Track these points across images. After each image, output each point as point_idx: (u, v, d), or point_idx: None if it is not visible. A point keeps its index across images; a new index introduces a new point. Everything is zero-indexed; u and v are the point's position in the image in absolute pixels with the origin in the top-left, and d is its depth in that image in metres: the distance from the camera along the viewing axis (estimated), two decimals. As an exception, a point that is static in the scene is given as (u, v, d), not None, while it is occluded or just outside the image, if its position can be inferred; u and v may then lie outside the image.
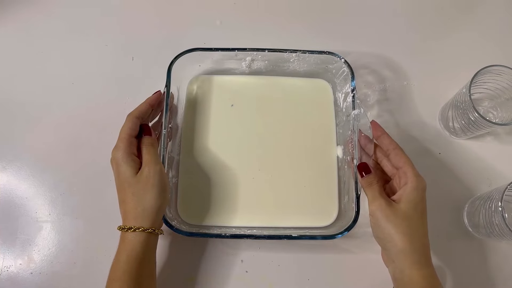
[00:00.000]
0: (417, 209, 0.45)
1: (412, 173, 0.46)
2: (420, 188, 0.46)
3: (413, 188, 0.46)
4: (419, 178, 0.46)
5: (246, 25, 0.65)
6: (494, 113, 0.58)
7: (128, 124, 0.47)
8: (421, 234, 0.45)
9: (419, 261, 0.43)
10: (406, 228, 0.44)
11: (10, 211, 0.55)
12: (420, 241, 0.44)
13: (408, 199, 0.45)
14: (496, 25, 0.66)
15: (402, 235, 0.43)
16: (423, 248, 0.44)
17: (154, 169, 0.45)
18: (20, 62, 0.63)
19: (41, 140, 0.58)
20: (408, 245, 0.43)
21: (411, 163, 0.47)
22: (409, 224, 0.44)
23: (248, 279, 0.53)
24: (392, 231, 0.44)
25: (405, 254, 0.43)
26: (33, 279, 0.52)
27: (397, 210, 0.45)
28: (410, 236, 0.44)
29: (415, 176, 0.46)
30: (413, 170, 0.47)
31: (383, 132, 0.51)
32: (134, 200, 0.44)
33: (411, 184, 0.46)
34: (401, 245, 0.43)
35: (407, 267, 0.43)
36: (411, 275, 0.43)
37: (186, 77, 0.58)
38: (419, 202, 0.46)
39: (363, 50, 0.63)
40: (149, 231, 0.44)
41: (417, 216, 0.45)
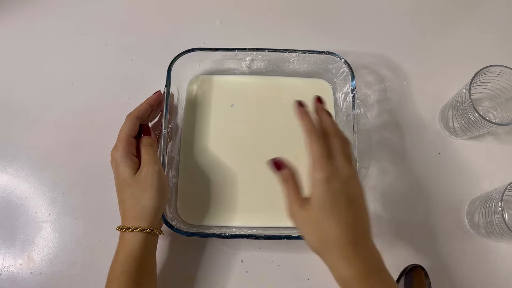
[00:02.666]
0: (323, 206, 0.39)
1: (310, 166, 0.40)
2: (318, 183, 0.39)
3: (312, 185, 0.40)
4: (314, 172, 0.40)
5: (246, 25, 0.65)
6: (494, 113, 0.58)
7: (127, 124, 0.47)
8: (333, 234, 0.39)
9: (336, 265, 0.39)
10: (316, 231, 0.40)
11: (10, 211, 0.55)
12: (334, 241, 0.39)
13: (313, 198, 0.40)
14: (496, 25, 0.66)
15: (316, 239, 0.40)
16: (338, 249, 0.38)
17: (153, 169, 0.45)
18: (20, 62, 0.63)
19: (41, 140, 0.58)
20: (320, 250, 0.40)
21: (313, 153, 0.41)
22: (318, 226, 0.39)
23: (248, 279, 0.53)
24: (307, 237, 0.40)
25: (323, 256, 0.40)
26: (33, 279, 0.52)
27: (308, 211, 0.40)
28: (322, 240, 0.39)
29: (311, 169, 0.40)
30: (312, 161, 0.41)
31: (321, 110, 0.46)
32: (132, 200, 0.44)
33: (311, 179, 0.40)
34: (316, 249, 0.40)
35: (332, 269, 0.39)
36: (336, 276, 0.39)
37: (186, 77, 0.58)
38: (323, 197, 0.39)
39: (363, 50, 0.63)
40: (147, 231, 0.44)
41: (325, 216, 0.39)
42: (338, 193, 0.39)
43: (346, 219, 0.39)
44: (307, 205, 0.40)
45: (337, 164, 0.41)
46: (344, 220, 0.39)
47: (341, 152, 0.42)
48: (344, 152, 0.42)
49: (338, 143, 0.42)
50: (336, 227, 0.39)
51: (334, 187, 0.39)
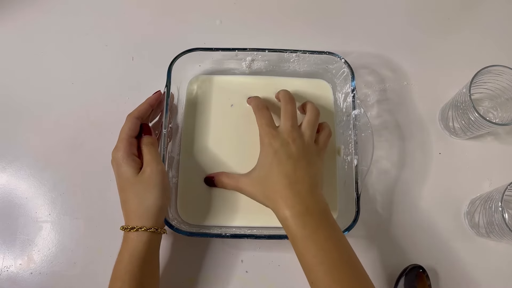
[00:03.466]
0: (264, 164, 0.47)
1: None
2: (262, 147, 0.49)
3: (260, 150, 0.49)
4: (260, 139, 0.49)
5: (246, 25, 0.65)
6: (494, 113, 0.58)
7: (128, 125, 0.47)
8: (273, 182, 0.46)
9: (277, 207, 0.45)
10: (260, 186, 0.47)
11: (10, 211, 0.55)
12: (274, 187, 0.45)
13: (258, 161, 0.49)
14: (496, 25, 0.66)
15: (261, 192, 0.47)
16: (278, 193, 0.45)
17: (157, 168, 0.46)
18: (20, 62, 0.63)
19: (41, 140, 0.58)
20: (266, 200, 0.47)
21: (258, 124, 0.50)
22: (261, 182, 0.47)
23: (248, 279, 0.53)
24: (255, 195, 0.48)
25: (269, 205, 0.46)
26: (33, 279, 0.52)
27: (250, 175, 0.49)
28: (265, 191, 0.47)
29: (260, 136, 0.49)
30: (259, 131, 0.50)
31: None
32: (136, 200, 0.44)
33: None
34: (263, 201, 0.47)
35: (276, 213, 0.46)
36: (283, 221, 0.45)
37: (186, 77, 0.58)
38: (264, 157, 0.48)
39: (363, 50, 0.63)
40: (152, 231, 0.44)
41: (266, 171, 0.47)
42: (277, 151, 0.47)
43: (284, 169, 0.45)
44: (251, 171, 0.49)
45: (280, 128, 0.49)
46: (283, 171, 0.45)
47: (285, 115, 0.50)
48: (287, 115, 0.50)
49: (285, 106, 0.51)
50: (274, 177, 0.45)
51: (275, 147, 0.47)
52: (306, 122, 0.50)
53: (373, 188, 0.56)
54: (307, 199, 0.44)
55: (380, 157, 0.58)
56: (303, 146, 0.48)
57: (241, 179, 0.50)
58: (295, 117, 0.50)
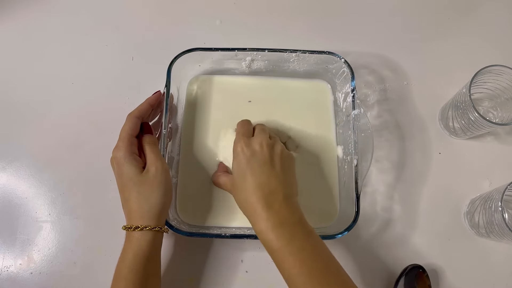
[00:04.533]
0: (239, 172, 0.47)
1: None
2: (235, 154, 0.48)
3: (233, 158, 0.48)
4: (233, 146, 0.49)
5: (246, 25, 0.65)
6: (494, 113, 0.58)
7: (128, 124, 0.47)
8: (249, 194, 0.45)
9: (253, 220, 0.44)
10: (239, 194, 0.46)
11: (10, 211, 0.55)
12: (249, 200, 0.44)
13: (232, 167, 0.49)
14: (496, 25, 0.66)
15: (240, 201, 0.46)
16: (253, 206, 0.44)
17: (162, 168, 0.46)
18: (20, 62, 0.63)
19: (41, 140, 0.58)
20: (244, 210, 0.46)
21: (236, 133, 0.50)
22: (239, 190, 0.46)
23: (248, 279, 0.53)
24: (237, 202, 0.47)
25: (246, 215, 0.46)
26: (33, 279, 0.52)
27: (231, 179, 0.49)
28: (243, 201, 0.46)
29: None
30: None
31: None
32: (139, 199, 0.44)
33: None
34: (243, 211, 0.47)
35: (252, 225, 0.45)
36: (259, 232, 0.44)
37: (186, 77, 0.58)
38: (238, 164, 0.47)
39: (363, 50, 0.63)
40: (156, 230, 0.44)
41: (241, 179, 0.46)
42: (250, 159, 0.46)
43: (257, 179, 0.45)
44: (232, 177, 0.48)
45: (254, 138, 0.48)
46: (256, 181, 0.45)
47: (258, 128, 0.50)
48: (259, 128, 0.50)
49: (258, 124, 0.52)
50: (249, 187, 0.45)
51: (247, 154, 0.46)
52: (276, 134, 0.53)
53: (373, 188, 0.56)
54: (281, 211, 0.43)
55: (380, 157, 0.58)
56: (277, 152, 0.48)
57: (223, 177, 0.51)
58: (267, 131, 0.51)
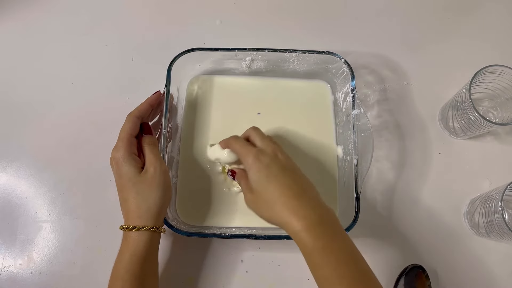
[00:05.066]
0: (261, 181, 0.44)
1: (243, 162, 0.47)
2: (250, 166, 0.45)
3: (248, 171, 0.46)
4: (244, 160, 0.46)
5: (246, 25, 0.65)
6: (494, 113, 0.58)
7: (128, 124, 0.47)
8: (277, 197, 0.43)
9: (287, 222, 0.42)
10: (265, 204, 0.44)
11: (10, 211, 0.55)
12: (279, 203, 0.42)
13: (251, 180, 0.46)
14: (496, 25, 0.66)
15: (268, 211, 0.44)
16: (285, 208, 0.42)
17: (161, 168, 0.46)
18: (20, 62, 0.63)
19: (41, 140, 0.58)
20: (274, 219, 0.43)
21: (236, 149, 0.48)
22: (264, 199, 0.44)
23: (248, 279, 0.53)
24: (263, 214, 0.45)
25: (278, 222, 0.43)
26: (33, 279, 0.52)
27: (253, 192, 0.46)
28: (271, 209, 0.43)
29: (243, 162, 0.47)
30: (240, 155, 0.48)
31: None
32: (138, 199, 0.44)
33: (247, 169, 0.46)
34: (272, 220, 0.44)
35: (287, 229, 0.43)
36: (299, 240, 0.42)
37: (186, 77, 0.58)
38: (258, 174, 0.45)
39: (363, 50, 0.63)
40: (153, 230, 0.44)
41: (265, 187, 0.44)
42: (269, 165, 0.45)
43: (282, 182, 0.44)
44: (253, 189, 0.45)
45: (260, 145, 0.47)
46: (282, 183, 0.44)
47: (259, 137, 0.48)
48: (260, 136, 0.48)
49: (253, 132, 0.49)
50: (276, 190, 0.43)
51: (264, 162, 0.45)
52: (265, 137, 0.49)
53: (373, 188, 0.56)
54: (318, 208, 0.42)
55: (380, 157, 0.58)
56: (289, 158, 0.47)
57: (247, 194, 0.47)
58: (267, 137, 0.49)
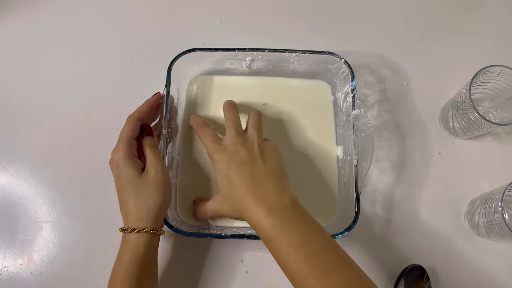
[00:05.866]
0: (222, 180, 0.46)
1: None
2: (213, 163, 0.48)
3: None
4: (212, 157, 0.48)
5: (246, 25, 0.65)
6: (494, 113, 0.58)
7: (128, 126, 0.47)
8: (237, 193, 0.45)
9: (249, 215, 0.44)
10: (228, 203, 0.46)
11: (10, 211, 0.55)
12: (239, 198, 0.45)
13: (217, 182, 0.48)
14: (496, 25, 0.66)
15: (231, 208, 0.46)
16: (245, 201, 0.44)
17: (162, 170, 0.46)
18: (20, 62, 0.63)
19: (41, 140, 0.58)
20: (238, 213, 0.45)
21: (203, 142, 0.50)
22: (227, 199, 0.46)
23: (248, 279, 0.53)
24: (228, 214, 0.47)
25: (242, 216, 0.45)
26: (33, 279, 0.52)
27: (216, 199, 0.48)
28: (234, 205, 0.45)
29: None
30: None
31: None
32: (138, 200, 0.44)
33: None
34: (237, 215, 0.46)
35: (248, 220, 0.45)
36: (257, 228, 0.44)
37: (186, 77, 0.58)
38: (219, 175, 0.47)
39: (363, 50, 0.63)
40: (153, 232, 0.44)
41: (225, 186, 0.46)
42: (229, 163, 0.46)
43: (242, 178, 0.45)
44: (220, 193, 0.47)
45: (225, 140, 0.48)
46: (241, 180, 0.45)
47: (229, 125, 0.49)
48: (231, 123, 0.49)
49: (226, 114, 0.50)
50: (237, 187, 0.45)
51: (225, 161, 0.46)
52: (251, 125, 0.50)
53: (373, 188, 0.56)
54: (269, 200, 0.44)
55: (380, 157, 0.58)
56: (254, 146, 0.48)
57: (211, 204, 0.49)
58: (238, 123, 0.50)
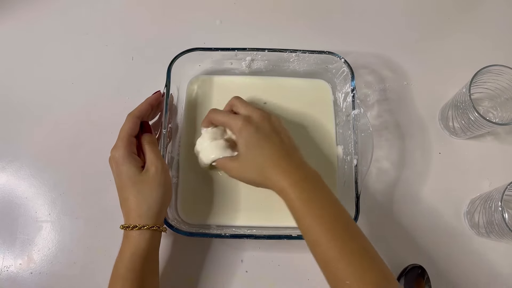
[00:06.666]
0: (250, 145, 0.47)
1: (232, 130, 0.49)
2: (238, 133, 0.47)
3: (237, 138, 0.48)
4: (232, 128, 0.48)
5: (246, 25, 0.65)
6: (494, 113, 0.58)
7: (128, 124, 0.47)
8: (267, 157, 0.46)
9: (275, 180, 0.44)
10: (252, 167, 0.47)
11: (10, 211, 0.55)
12: (269, 162, 0.45)
13: (239, 145, 0.48)
14: (496, 25, 0.66)
15: (256, 173, 0.46)
16: (275, 166, 0.45)
17: (162, 167, 0.46)
18: (20, 62, 0.63)
19: (41, 140, 0.58)
20: (263, 180, 0.46)
21: (221, 121, 0.50)
22: (253, 163, 0.47)
23: (248, 279, 0.53)
24: (249, 178, 0.48)
25: (266, 183, 0.46)
26: (33, 279, 0.52)
27: (238, 159, 0.48)
28: (260, 170, 0.46)
29: (232, 130, 0.49)
30: (227, 125, 0.50)
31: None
32: (138, 198, 0.44)
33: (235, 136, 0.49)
34: (260, 182, 0.47)
35: (274, 187, 0.45)
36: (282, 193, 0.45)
37: (186, 77, 0.58)
38: (246, 139, 0.47)
39: (363, 50, 0.63)
40: (155, 229, 0.44)
41: (254, 150, 0.46)
42: (259, 128, 0.47)
43: (272, 144, 0.46)
44: (237, 156, 0.48)
45: (245, 113, 0.49)
46: (273, 145, 0.46)
47: (243, 105, 0.50)
48: (244, 104, 0.50)
49: (236, 101, 0.51)
50: (267, 150, 0.46)
51: (254, 125, 0.47)
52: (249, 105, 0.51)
53: (373, 188, 0.56)
54: (301, 166, 0.46)
55: (380, 157, 0.58)
56: (273, 121, 0.49)
57: (228, 162, 0.49)
58: (253, 105, 0.51)
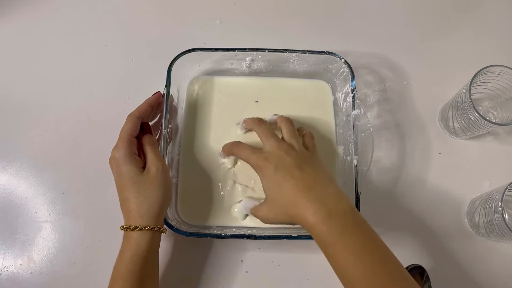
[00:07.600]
0: (270, 189, 0.46)
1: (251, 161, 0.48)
2: (258, 172, 0.46)
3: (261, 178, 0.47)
4: (255, 167, 0.47)
5: (246, 25, 0.65)
6: (494, 113, 0.58)
7: (128, 125, 0.47)
8: (291, 195, 0.44)
9: (304, 216, 0.42)
10: (279, 208, 0.45)
11: (10, 211, 0.55)
12: (294, 200, 0.43)
13: (265, 190, 0.46)
14: (496, 25, 0.66)
15: (283, 213, 0.45)
16: (299, 203, 0.43)
17: (162, 168, 0.46)
18: (20, 62, 0.63)
19: (41, 140, 0.58)
20: (291, 218, 0.44)
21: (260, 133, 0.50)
22: (279, 204, 0.45)
23: (248, 279, 0.53)
24: (279, 219, 0.46)
25: (295, 220, 0.44)
26: (33, 279, 0.52)
27: (265, 203, 0.47)
28: (287, 208, 0.44)
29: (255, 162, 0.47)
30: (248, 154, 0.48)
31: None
32: (139, 198, 0.44)
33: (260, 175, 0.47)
34: (289, 219, 0.45)
35: (303, 223, 0.43)
36: (312, 229, 0.43)
37: (186, 77, 0.58)
38: (270, 181, 0.45)
39: (363, 50, 0.63)
40: (155, 230, 0.44)
41: (274, 194, 0.45)
42: (277, 168, 0.45)
43: (293, 181, 0.44)
44: (264, 201, 0.47)
45: (267, 149, 0.47)
46: (292, 183, 0.44)
47: (267, 136, 0.48)
48: (268, 134, 0.48)
49: (258, 128, 0.50)
50: (288, 190, 0.44)
51: (272, 167, 0.45)
52: (287, 133, 0.49)
53: (373, 188, 0.56)
54: (326, 202, 0.42)
55: (380, 157, 0.58)
56: (297, 154, 0.47)
57: (259, 209, 0.48)
58: (274, 133, 0.49)
